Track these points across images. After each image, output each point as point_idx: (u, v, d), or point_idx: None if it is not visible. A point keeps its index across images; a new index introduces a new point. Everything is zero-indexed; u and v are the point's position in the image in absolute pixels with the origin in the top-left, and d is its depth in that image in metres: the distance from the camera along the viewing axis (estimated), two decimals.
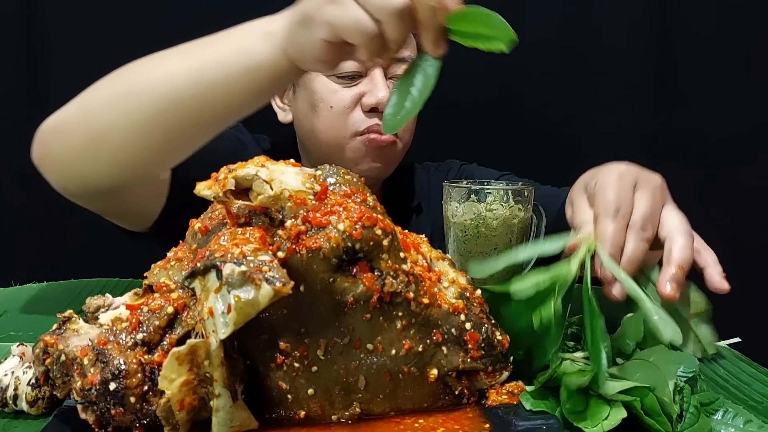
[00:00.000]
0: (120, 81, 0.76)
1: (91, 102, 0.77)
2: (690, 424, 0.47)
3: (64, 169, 0.79)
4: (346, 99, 1.00)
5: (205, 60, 0.71)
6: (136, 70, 0.76)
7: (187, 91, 0.71)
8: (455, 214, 0.79)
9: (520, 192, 0.79)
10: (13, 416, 0.51)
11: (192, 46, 0.74)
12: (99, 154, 0.76)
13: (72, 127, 0.77)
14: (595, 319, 0.48)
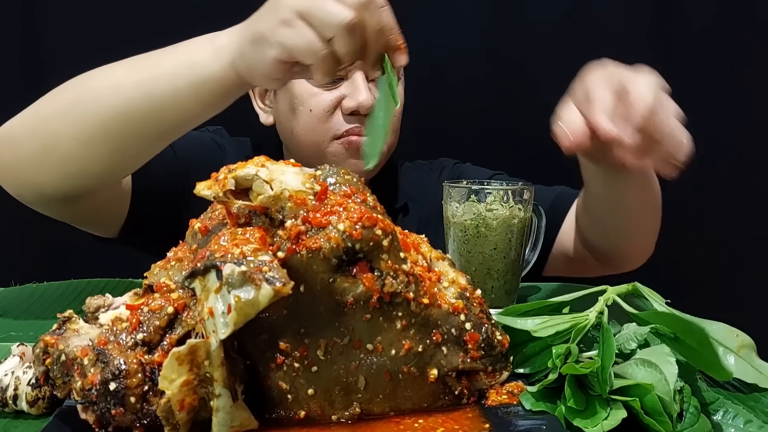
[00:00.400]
0: (70, 90, 0.77)
1: (41, 111, 0.77)
2: (690, 424, 0.47)
3: (17, 177, 0.79)
4: (325, 102, 1.00)
5: (154, 72, 0.72)
6: (86, 80, 0.76)
7: (135, 102, 0.72)
8: (455, 214, 0.79)
9: (520, 192, 0.79)
10: (13, 416, 0.51)
11: (143, 58, 0.75)
12: (49, 163, 0.76)
13: (22, 135, 0.77)
14: (608, 358, 0.49)
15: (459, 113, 1.44)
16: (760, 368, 0.58)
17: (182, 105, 0.72)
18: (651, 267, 1.24)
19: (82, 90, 0.76)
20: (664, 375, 0.49)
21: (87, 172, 0.78)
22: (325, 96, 1.00)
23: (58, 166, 0.76)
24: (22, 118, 0.79)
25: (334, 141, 1.02)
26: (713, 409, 0.51)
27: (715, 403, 0.52)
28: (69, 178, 0.78)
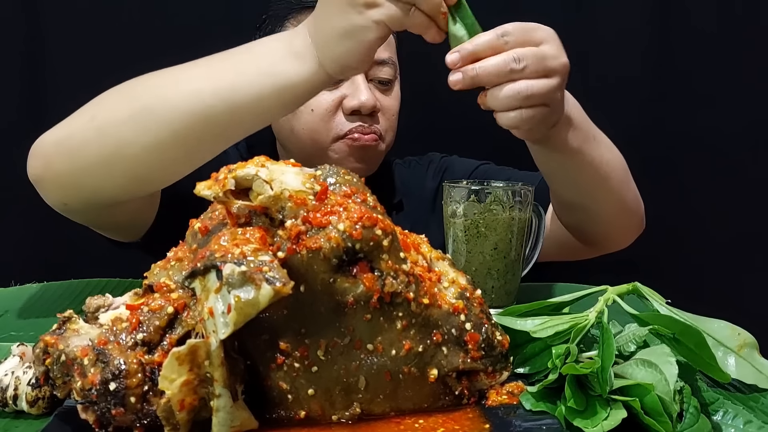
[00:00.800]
0: (134, 96, 0.76)
1: (101, 117, 0.76)
2: (690, 424, 0.47)
3: (71, 185, 0.78)
4: (327, 102, 1.00)
5: (235, 80, 0.72)
6: (151, 85, 0.75)
7: (217, 109, 0.72)
8: (455, 214, 0.79)
9: (520, 192, 0.79)
10: (13, 416, 0.51)
11: (217, 62, 0.75)
12: (114, 170, 0.75)
13: (81, 143, 0.75)
14: (608, 358, 0.49)
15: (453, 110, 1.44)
16: (761, 367, 0.58)
17: (264, 110, 0.73)
18: (651, 267, 1.24)
19: (152, 95, 0.74)
20: (664, 375, 0.49)
21: (156, 177, 0.78)
22: (326, 96, 1.00)
23: (123, 173, 0.76)
24: (80, 124, 0.77)
25: (336, 141, 1.02)
26: (713, 410, 0.51)
27: (715, 403, 0.52)
28: (133, 183, 0.78)
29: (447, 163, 1.21)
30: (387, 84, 1.06)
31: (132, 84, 0.76)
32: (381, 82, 1.05)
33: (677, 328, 0.54)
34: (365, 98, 0.99)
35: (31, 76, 1.38)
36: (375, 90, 1.05)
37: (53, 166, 0.78)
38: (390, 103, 1.07)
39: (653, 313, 0.59)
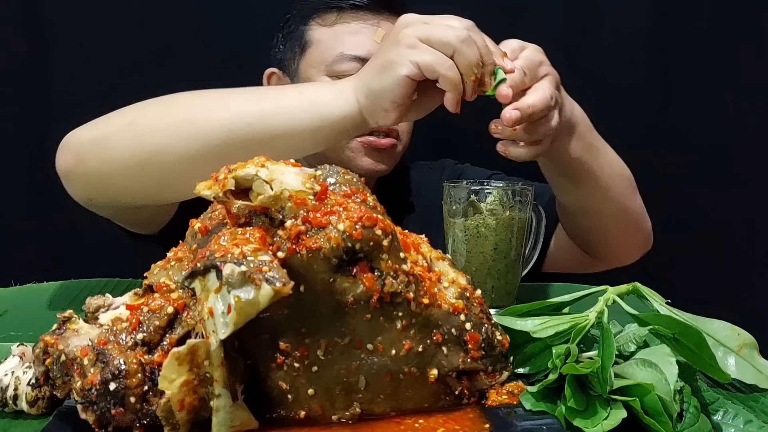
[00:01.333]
0: (177, 106, 0.78)
1: (142, 122, 0.77)
2: (690, 424, 0.47)
3: (100, 183, 0.79)
4: None
5: (277, 103, 0.75)
6: (196, 99, 0.78)
7: (256, 129, 0.74)
8: (455, 214, 0.79)
9: (520, 192, 0.79)
10: (13, 416, 0.51)
11: (261, 91, 0.80)
12: (147, 174, 0.77)
13: (119, 143, 0.77)
14: (608, 358, 0.49)
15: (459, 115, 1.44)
16: (761, 368, 0.58)
17: (299, 139, 0.75)
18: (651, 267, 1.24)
19: (196, 108, 0.77)
20: (665, 375, 0.49)
21: (182, 187, 0.78)
22: None
23: (154, 179, 0.77)
24: (119, 125, 0.78)
25: (354, 139, 1.02)
26: (713, 409, 0.51)
27: (715, 403, 0.52)
28: (162, 190, 0.79)
29: (460, 170, 1.22)
30: None
31: (177, 96, 0.79)
32: None
33: (677, 328, 0.54)
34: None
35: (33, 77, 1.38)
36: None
37: (85, 163, 0.79)
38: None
39: (653, 313, 0.59)
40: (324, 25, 1.05)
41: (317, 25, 1.05)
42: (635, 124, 1.44)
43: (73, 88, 1.34)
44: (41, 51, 1.37)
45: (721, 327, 0.59)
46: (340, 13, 1.04)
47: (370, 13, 1.04)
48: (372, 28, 1.03)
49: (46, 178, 1.41)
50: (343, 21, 1.04)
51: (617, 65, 1.43)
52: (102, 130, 0.79)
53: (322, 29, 1.05)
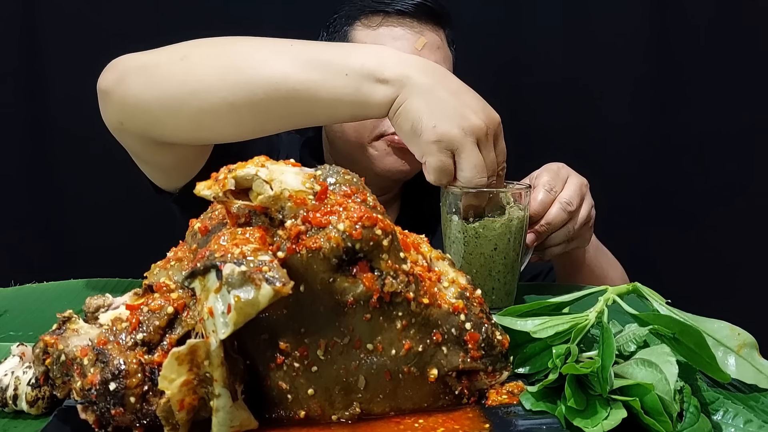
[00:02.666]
0: (232, 54, 0.79)
1: (194, 59, 0.79)
2: (690, 424, 0.47)
3: (137, 108, 0.80)
4: None
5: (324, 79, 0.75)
6: (251, 50, 0.79)
7: (300, 95, 0.76)
8: (454, 215, 0.79)
9: (518, 192, 0.79)
10: (13, 416, 0.51)
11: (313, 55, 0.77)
12: (187, 110, 0.78)
13: (166, 74, 0.78)
14: (608, 357, 0.49)
15: None
16: (761, 367, 0.58)
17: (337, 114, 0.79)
18: (651, 267, 1.24)
19: (248, 58, 0.78)
20: (665, 375, 0.49)
21: (216, 131, 0.81)
22: None
23: (192, 116, 0.78)
24: (170, 57, 0.79)
25: (377, 138, 1.03)
26: (713, 409, 0.51)
27: (715, 403, 0.51)
28: (195, 130, 0.80)
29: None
30: None
31: (232, 41, 0.80)
32: None
33: (677, 328, 0.54)
34: None
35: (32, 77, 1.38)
36: None
37: (127, 85, 0.80)
38: None
39: (653, 313, 0.59)
40: (368, 27, 1.05)
41: (362, 26, 1.05)
42: (635, 123, 1.44)
43: (73, 89, 1.35)
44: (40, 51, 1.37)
45: (721, 327, 0.59)
46: (386, 17, 1.04)
47: (415, 20, 1.04)
48: (415, 35, 1.03)
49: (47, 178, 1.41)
50: (388, 24, 1.04)
51: (617, 65, 1.43)
52: (152, 59, 0.80)
53: (366, 31, 1.05)
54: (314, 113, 0.79)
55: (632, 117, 1.44)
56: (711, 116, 1.43)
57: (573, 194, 0.84)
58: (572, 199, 0.84)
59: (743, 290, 1.42)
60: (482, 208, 0.76)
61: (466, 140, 0.72)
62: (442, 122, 0.72)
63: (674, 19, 1.42)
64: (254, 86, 0.76)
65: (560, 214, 0.83)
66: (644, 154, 1.45)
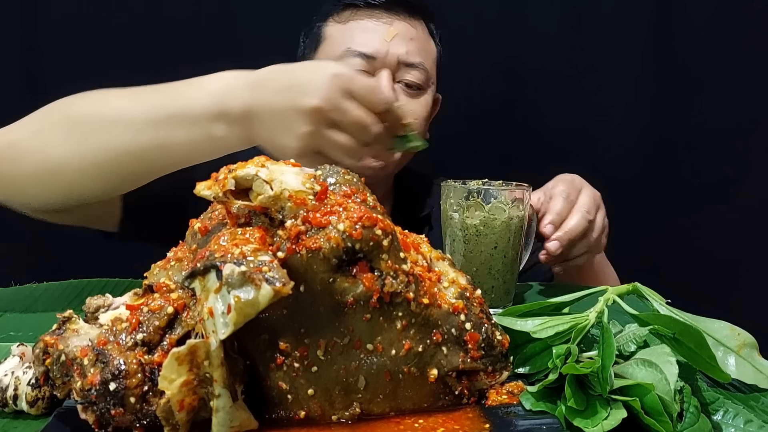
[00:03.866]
0: (81, 120, 0.79)
1: (46, 134, 0.79)
2: (690, 424, 0.47)
3: (13, 187, 0.81)
4: None
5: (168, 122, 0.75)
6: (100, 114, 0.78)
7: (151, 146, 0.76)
8: (454, 214, 0.79)
9: (518, 192, 0.79)
10: (13, 416, 0.51)
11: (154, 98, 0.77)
12: (52, 186, 0.79)
13: (25, 154, 0.79)
14: (608, 357, 0.49)
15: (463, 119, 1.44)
16: (761, 367, 0.58)
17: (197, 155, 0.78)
18: (651, 267, 1.24)
19: (92, 121, 0.78)
20: (665, 375, 0.49)
21: (89, 196, 0.81)
22: None
23: (60, 189, 0.79)
24: (25, 133, 0.80)
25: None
26: (713, 409, 0.51)
27: (715, 403, 0.51)
28: (70, 199, 0.81)
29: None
30: (416, 89, 1.05)
31: (81, 103, 0.80)
32: (408, 85, 1.04)
33: (677, 328, 0.54)
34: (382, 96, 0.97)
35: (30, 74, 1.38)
36: (401, 92, 1.04)
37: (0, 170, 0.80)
38: (415, 107, 1.05)
39: (653, 313, 0.59)
40: (339, 22, 1.05)
41: (333, 22, 1.06)
42: (635, 123, 1.44)
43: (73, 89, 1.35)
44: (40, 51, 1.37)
45: (721, 327, 0.59)
46: (356, 11, 1.05)
47: (385, 12, 1.04)
48: (385, 27, 1.03)
49: None
50: (357, 18, 1.04)
51: (617, 65, 1.43)
52: (14, 136, 0.80)
53: (337, 26, 1.05)
54: (177, 163, 0.79)
55: (632, 117, 1.44)
56: (711, 116, 1.43)
57: (590, 203, 0.85)
58: (590, 207, 0.85)
59: (743, 290, 1.42)
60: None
61: (314, 137, 0.71)
62: (289, 141, 0.71)
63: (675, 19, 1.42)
64: (107, 153, 0.76)
65: (581, 222, 0.84)
66: (644, 153, 1.45)
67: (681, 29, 1.42)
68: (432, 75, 1.08)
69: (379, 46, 1.01)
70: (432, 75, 1.08)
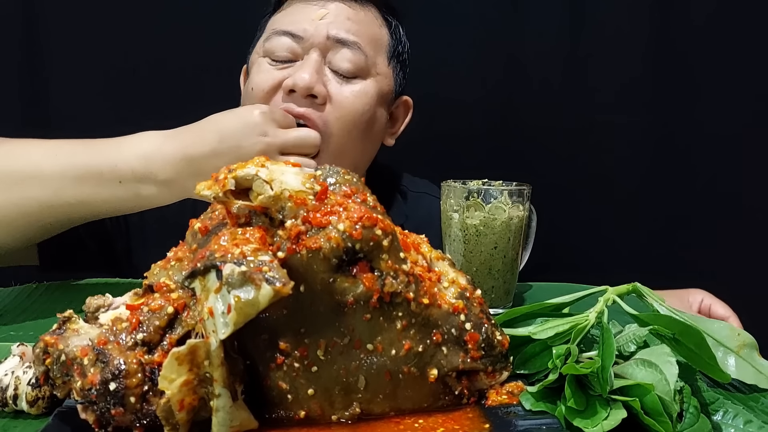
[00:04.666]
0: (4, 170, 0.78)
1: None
2: (690, 424, 0.47)
3: None
4: (266, 82, 0.94)
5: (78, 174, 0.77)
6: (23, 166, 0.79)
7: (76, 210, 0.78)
8: (454, 214, 0.79)
9: (519, 191, 0.79)
10: (13, 416, 0.51)
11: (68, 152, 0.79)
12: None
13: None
14: (608, 358, 0.50)
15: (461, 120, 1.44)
16: (761, 368, 0.58)
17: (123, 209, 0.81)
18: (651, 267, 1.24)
19: (12, 175, 0.78)
20: (665, 375, 0.49)
21: (4, 246, 0.81)
22: (269, 75, 0.95)
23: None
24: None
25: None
26: (713, 409, 0.51)
27: (715, 403, 0.52)
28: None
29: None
30: (349, 78, 0.95)
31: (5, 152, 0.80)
32: (339, 72, 0.95)
33: (677, 329, 0.54)
34: (300, 78, 0.90)
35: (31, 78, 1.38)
36: (331, 80, 0.95)
37: None
38: (345, 99, 0.94)
39: (653, 313, 0.59)
40: (280, 11, 1.01)
41: (277, 12, 1.02)
42: (635, 123, 1.44)
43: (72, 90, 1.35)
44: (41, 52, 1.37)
45: (721, 327, 0.60)
46: (290, 2, 1.00)
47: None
48: (316, 9, 0.97)
49: None
50: (292, 4, 1.00)
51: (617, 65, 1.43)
52: None
53: (275, 16, 1.01)
54: (101, 215, 0.82)
55: (632, 117, 1.44)
56: (711, 116, 1.43)
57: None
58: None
59: (743, 290, 1.41)
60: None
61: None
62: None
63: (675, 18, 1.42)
64: (26, 207, 0.77)
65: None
66: (645, 153, 1.45)
67: (681, 29, 1.42)
68: (376, 62, 0.98)
69: (306, 25, 0.94)
70: (376, 62, 0.98)
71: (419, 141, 1.26)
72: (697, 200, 1.45)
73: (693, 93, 1.43)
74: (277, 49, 0.94)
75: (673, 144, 1.45)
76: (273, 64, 0.95)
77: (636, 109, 1.44)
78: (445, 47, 1.41)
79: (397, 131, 1.09)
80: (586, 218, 1.43)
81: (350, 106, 0.95)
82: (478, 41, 1.41)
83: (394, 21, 1.04)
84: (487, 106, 1.44)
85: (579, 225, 1.43)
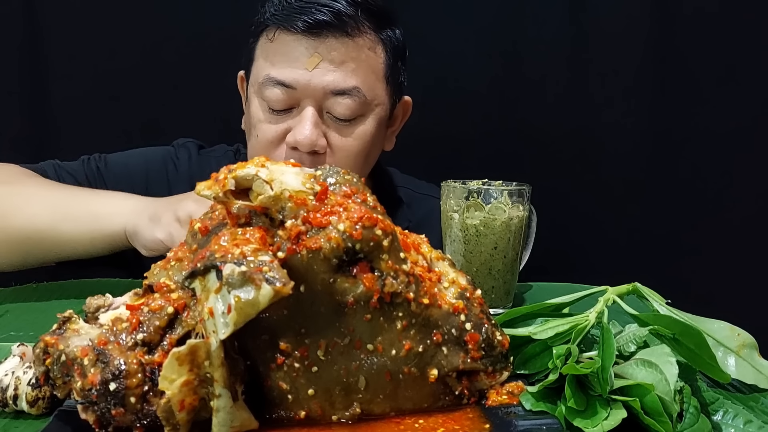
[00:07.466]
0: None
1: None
2: (690, 424, 0.47)
3: None
4: (270, 133, 0.94)
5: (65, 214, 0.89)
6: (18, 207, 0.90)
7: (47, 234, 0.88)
8: (454, 215, 0.79)
9: (519, 192, 0.79)
10: (14, 416, 0.51)
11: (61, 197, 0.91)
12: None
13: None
14: (608, 358, 0.50)
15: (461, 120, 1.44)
16: (760, 368, 0.58)
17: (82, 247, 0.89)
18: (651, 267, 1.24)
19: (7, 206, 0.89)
20: (665, 375, 0.49)
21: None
22: (271, 126, 0.94)
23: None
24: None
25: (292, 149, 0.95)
26: (713, 410, 0.51)
27: (715, 403, 0.52)
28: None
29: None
30: (347, 121, 0.94)
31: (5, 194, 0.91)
32: (337, 118, 0.93)
33: (677, 329, 0.54)
34: (302, 137, 0.91)
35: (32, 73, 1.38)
36: (330, 126, 0.94)
37: None
38: (346, 144, 0.94)
39: (653, 313, 0.59)
40: (268, 39, 0.95)
41: (264, 39, 0.96)
42: (635, 123, 1.44)
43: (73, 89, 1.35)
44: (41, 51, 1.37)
45: (721, 327, 0.60)
46: (280, 31, 0.94)
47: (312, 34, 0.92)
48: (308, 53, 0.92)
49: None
50: (281, 38, 0.94)
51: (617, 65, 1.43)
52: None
53: (265, 45, 0.96)
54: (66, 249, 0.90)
55: (632, 117, 1.44)
56: (711, 116, 1.43)
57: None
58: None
59: (743, 290, 1.41)
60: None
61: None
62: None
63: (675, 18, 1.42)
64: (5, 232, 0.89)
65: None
66: (645, 153, 1.45)
67: (682, 29, 1.42)
68: (376, 95, 0.96)
69: (297, 77, 0.91)
70: (376, 95, 0.96)
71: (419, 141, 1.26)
72: (697, 200, 1.45)
73: (693, 93, 1.43)
74: (273, 101, 0.93)
75: (673, 144, 1.45)
76: (272, 113, 0.95)
77: (636, 109, 1.44)
78: (446, 47, 1.41)
79: (396, 129, 1.08)
80: (586, 218, 1.43)
81: (352, 149, 0.96)
82: (478, 41, 1.41)
83: (388, 30, 0.99)
84: (488, 106, 1.44)
85: (579, 225, 1.43)
